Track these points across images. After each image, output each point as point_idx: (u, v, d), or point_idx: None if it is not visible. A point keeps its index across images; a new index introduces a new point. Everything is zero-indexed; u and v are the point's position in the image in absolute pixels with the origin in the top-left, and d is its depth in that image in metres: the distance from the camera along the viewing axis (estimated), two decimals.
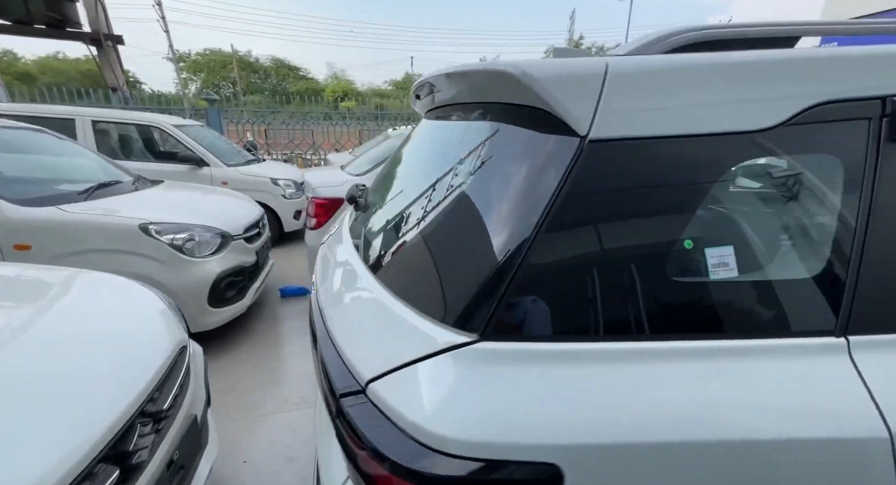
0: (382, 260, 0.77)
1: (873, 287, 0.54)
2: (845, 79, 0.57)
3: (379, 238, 0.86)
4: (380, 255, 0.80)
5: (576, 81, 0.55)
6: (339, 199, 2.77)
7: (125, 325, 1.15)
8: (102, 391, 0.88)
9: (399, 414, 0.49)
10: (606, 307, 0.52)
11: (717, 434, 0.46)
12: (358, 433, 0.52)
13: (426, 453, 0.46)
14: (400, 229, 0.79)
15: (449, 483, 0.45)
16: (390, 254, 0.76)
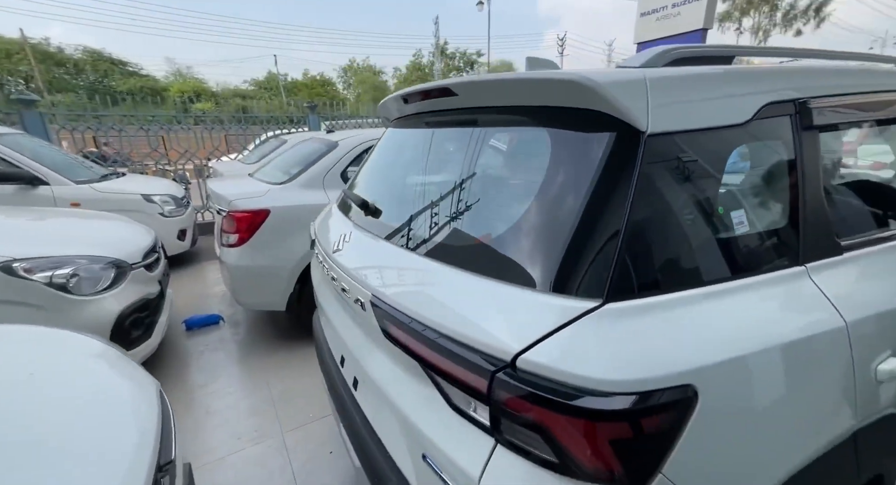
0: (470, 253, 0.81)
1: (816, 225, 0.81)
2: (777, 87, 0.83)
3: (451, 236, 0.88)
4: (466, 248, 0.83)
5: (631, 88, 0.69)
6: (265, 210, 2.53)
7: (93, 379, 0.93)
8: (118, 457, 0.74)
9: (565, 372, 0.57)
10: (685, 261, 0.68)
11: (775, 339, 0.66)
12: (529, 398, 0.57)
13: (596, 397, 0.55)
14: (482, 226, 0.84)
15: (619, 416, 0.55)
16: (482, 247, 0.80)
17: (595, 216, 0.66)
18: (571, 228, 0.67)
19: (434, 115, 1.14)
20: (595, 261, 0.64)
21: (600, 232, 0.65)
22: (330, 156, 2.84)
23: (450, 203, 0.92)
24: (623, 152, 0.68)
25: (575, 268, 0.65)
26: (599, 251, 0.64)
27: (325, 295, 1.38)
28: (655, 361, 0.58)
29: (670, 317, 0.63)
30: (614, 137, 0.70)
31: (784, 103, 0.84)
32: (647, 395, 0.56)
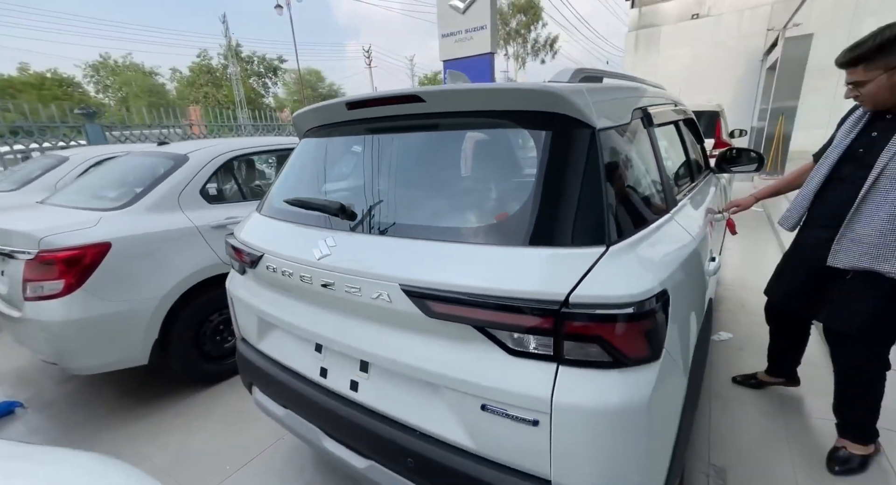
0: (489, 231, 0.95)
1: (668, 186, 1.29)
2: (638, 98, 1.28)
3: (464, 219, 0.99)
4: (483, 228, 0.96)
5: (583, 100, 0.98)
6: (103, 243, 1.99)
7: None
8: None
9: (611, 297, 0.81)
10: (644, 202, 1.02)
11: (690, 249, 1.06)
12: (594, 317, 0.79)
13: (629, 305, 0.81)
14: (493, 207, 0.98)
15: (645, 316, 0.82)
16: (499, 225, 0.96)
17: (588, 190, 0.92)
18: (575, 199, 0.91)
19: (392, 121, 1.22)
20: (597, 219, 0.90)
21: (595, 200, 0.91)
22: (181, 172, 2.40)
23: (455, 193, 1.05)
24: (590, 141, 0.96)
25: (585, 226, 0.89)
26: (598, 212, 0.90)
27: (289, 310, 1.27)
28: (650, 278, 0.88)
29: (643, 247, 0.95)
30: (581, 132, 0.97)
31: (640, 108, 1.29)
32: (653, 297, 0.85)
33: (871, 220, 1.36)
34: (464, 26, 9.36)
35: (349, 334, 1.11)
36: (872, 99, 1.39)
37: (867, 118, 1.48)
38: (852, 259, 1.41)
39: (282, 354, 1.36)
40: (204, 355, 2.44)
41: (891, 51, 1.30)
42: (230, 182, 2.68)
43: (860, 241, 1.39)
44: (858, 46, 1.36)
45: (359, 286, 1.02)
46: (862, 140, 1.48)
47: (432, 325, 0.94)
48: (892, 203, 1.31)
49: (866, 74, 1.36)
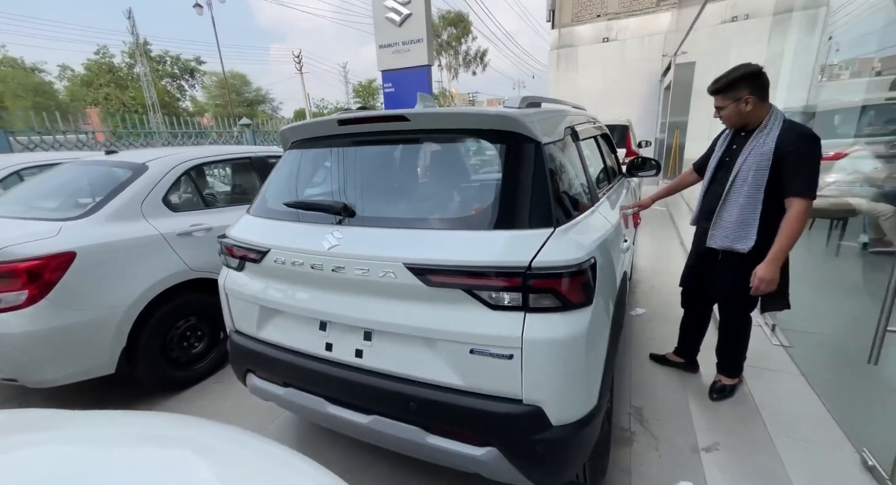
0: (470, 219, 1.26)
1: (590, 185, 1.70)
2: (568, 118, 1.68)
3: (449, 211, 1.28)
4: (464, 218, 1.26)
5: (532, 122, 1.34)
6: (67, 253, 1.98)
7: None
8: None
9: (560, 261, 1.15)
10: (576, 198, 1.39)
11: (609, 232, 1.46)
12: (549, 276, 1.13)
13: (573, 266, 1.17)
14: (471, 201, 1.29)
15: (583, 273, 1.18)
16: (479, 215, 1.27)
17: (538, 185, 1.27)
18: (532, 193, 1.26)
19: (379, 135, 1.49)
20: (546, 208, 1.25)
21: (543, 193, 1.26)
22: (141, 181, 2.41)
23: (435, 192, 1.34)
24: (538, 153, 1.32)
25: (538, 213, 1.24)
26: (546, 203, 1.26)
27: (294, 295, 1.47)
28: (584, 249, 1.24)
29: (578, 229, 1.32)
30: (530, 146, 1.33)
31: (570, 127, 1.70)
32: (587, 261, 1.21)
33: (731, 210, 1.83)
34: (400, 38, 9.64)
35: (355, 309, 1.35)
36: (728, 120, 1.88)
37: (730, 135, 1.96)
38: (720, 241, 1.89)
39: (285, 337, 1.55)
40: (172, 362, 2.45)
41: (737, 87, 1.77)
42: (192, 190, 2.71)
43: (724, 226, 1.87)
44: (717, 81, 1.82)
45: (367, 268, 1.27)
46: (728, 152, 1.94)
47: (430, 292, 1.22)
48: (742, 195, 1.78)
49: (723, 102, 1.83)
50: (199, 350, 2.59)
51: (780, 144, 1.69)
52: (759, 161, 1.74)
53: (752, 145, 1.78)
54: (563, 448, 1.21)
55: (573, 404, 1.22)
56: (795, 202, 1.69)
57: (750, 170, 1.76)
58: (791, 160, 1.68)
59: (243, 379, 1.75)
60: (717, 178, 1.98)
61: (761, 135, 1.76)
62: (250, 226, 1.65)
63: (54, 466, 0.71)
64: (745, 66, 1.77)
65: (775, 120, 1.75)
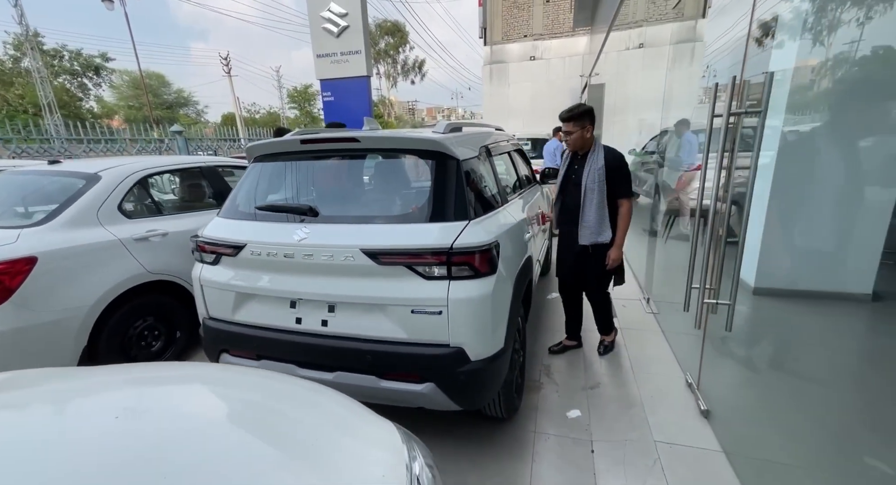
0: (408, 215, 1.70)
1: (501, 191, 2.24)
2: (482, 140, 2.21)
3: (392, 209, 1.72)
4: (403, 214, 1.71)
5: (452, 144, 1.83)
6: (29, 258, 2.12)
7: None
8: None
9: (472, 243, 1.64)
10: (488, 199, 1.90)
11: (512, 224, 1.99)
12: (465, 254, 1.61)
13: (482, 247, 1.67)
14: (408, 202, 1.74)
15: (489, 251, 1.69)
16: (402, 213, 1.72)
17: (457, 190, 1.76)
18: (452, 196, 1.74)
19: (334, 151, 1.90)
20: (463, 207, 1.74)
21: (461, 196, 1.76)
22: (96, 189, 2.55)
23: (381, 196, 1.77)
24: (457, 167, 1.81)
25: (457, 211, 1.73)
26: (463, 203, 1.75)
27: (268, 281, 1.81)
28: (490, 236, 1.75)
29: (486, 222, 1.82)
30: (451, 162, 1.82)
31: (483, 146, 2.22)
32: (492, 244, 1.72)
33: (590, 214, 2.38)
34: (339, 49, 9.88)
35: (321, 287, 1.74)
36: (574, 144, 2.43)
37: (569, 157, 2.55)
38: (588, 238, 2.42)
39: (259, 317, 1.88)
40: (131, 360, 2.59)
41: (582, 118, 2.34)
42: (146, 198, 2.85)
43: (588, 226, 2.40)
44: (571, 111, 2.35)
45: (332, 253, 1.67)
46: (571, 170, 2.52)
47: (381, 270, 1.66)
48: (594, 202, 2.35)
49: (572, 128, 2.36)
50: (157, 348, 2.75)
51: (607, 163, 2.35)
52: (599, 175, 2.34)
53: (590, 164, 2.38)
54: (479, 377, 1.70)
55: (485, 345, 1.71)
56: (624, 202, 2.40)
57: (594, 182, 2.35)
58: (616, 174, 2.36)
59: (216, 359, 2.03)
60: (567, 189, 2.53)
61: (594, 156, 2.38)
62: (224, 226, 1.95)
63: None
64: (585, 105, 2.40)
65: (599, 146, 2.41)
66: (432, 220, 1.71)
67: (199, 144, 9.45)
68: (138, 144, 7.82)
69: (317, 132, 2.07)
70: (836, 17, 1.68)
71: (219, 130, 11.13)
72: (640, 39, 11.25)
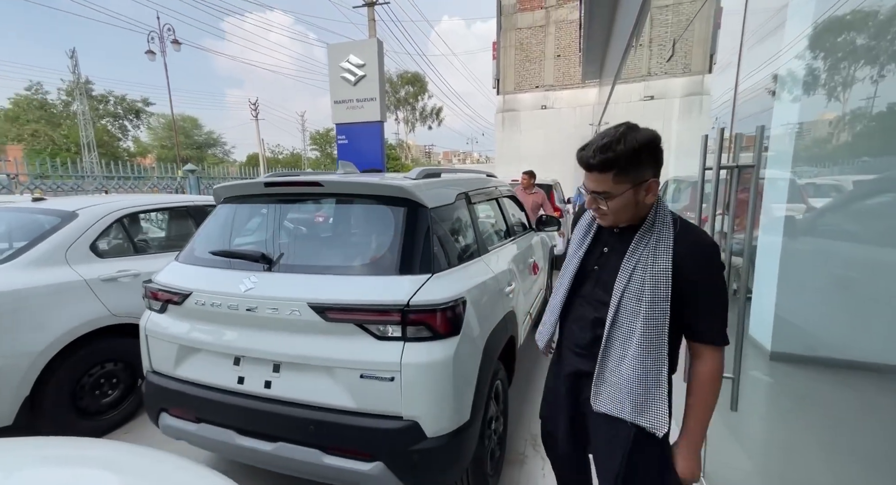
0: (361, 266, 1.55)
1: (481, 241, 2.09)
2: (460, 186, 2.09)
3: (346, 259, 1.57)
4: (356, 266, 1.56)
5: (420, 190, 1.71)
6: None
7: None
8: None
9: (432, 300, 1.47)
10: (460, 250, 1.74)
11: (488, 277, 1.81)
12: (423, 312, 1.42)
13: (443, 304, 1.49)
14: (365, 251, 1.59)
15: (451, 309, 1.50)
16: (356, 263, 1.57)
17: (422, 241, 1.62)
18: (416, 246, 1.59)
19: (299, 195, 1.80)
20: (428, 258, 1.59)
21: (426, 248, 1.61)
22: (70, 228, 2.50)
23: (340, 245, 1.64)
24: (424, 215, 1.68)
25: (419, 263, 1.57)
26: (426, 256, 1.59)
27: (211, 334, 1.65)
28: (455, 291, 1.58)
29: (456, 275, 1.66)
30: (419, 209, 1.69)
31: (462, 193, 2.11)
32: (456, 301, 1.54)
33: (623, 360, 1.09)
34: (355, 96, 10.39)
35: (266, 344, 1.56)
36: (615, 216, 1.10)
37: (595, 228, 1.22)
38: (614, 406, 1.11)
39: (200, 373, 1.69)
40: (80, 411, 2.40)
41: (641, 162, 1.02)
42: (122, 237, 2.80)
43: (618, 385, 1.09)
44: (610, 148, 1.01)
45: (277, 307, 1.51)
46: (595, 255, 1.21)
47: (329, 327, 1.48)
48: (635, 339, 1.06)
49: (616, 186, 1.04)
50: (113, 399, 2.55)
51: (680, 262, 1.05)
52: (654, 285, 1.05)
53: (636, 256, 1.09)
54: (438, 457, 1.45)
55: (445, 418, 1.48)
56: (708, 354, 1.08)
57: (641, 299, 1.06)
58: (700, 291, 1.06)
59: (156, 419, 1.83)
60: (584, 291, 1.23)
61: (649, 239, 1.08)
62: (176, 271, 1.83)
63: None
64: (645, 131, 1.05)
65: (664, 216, 1.09)
66: (391, 272, 1.55)
67: (212, 182, 9.75)
68: (151, 181, 8.15)
69: (289, 175, 2.00)
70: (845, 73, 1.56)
71: (242, 169, 11.60)
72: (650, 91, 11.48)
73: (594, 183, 1.08)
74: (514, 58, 18.05)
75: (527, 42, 17.97)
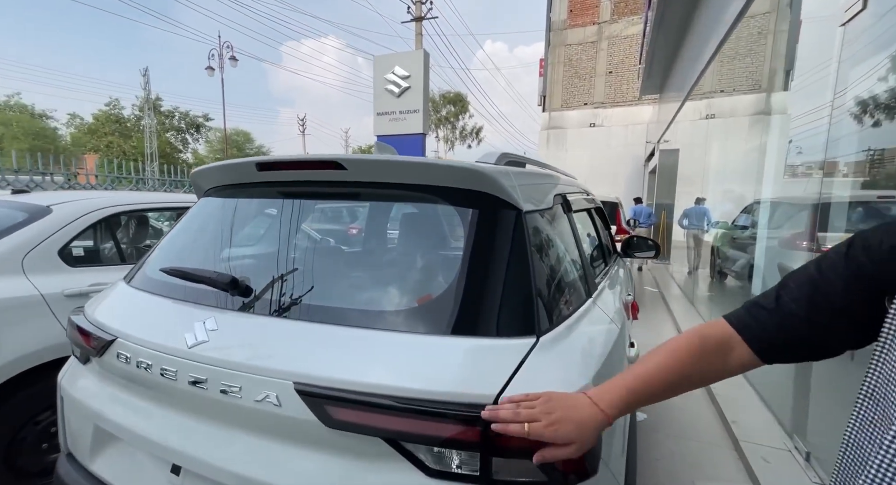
0: (407, 315, 0.81)
1: (589, 268, 1.30)
2: (559, 187, 1.33)
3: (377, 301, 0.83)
4: (401, 312, 0.81)
5: (510, 182, 0.97)
6: None
7: None
8: None
9: None
10: (569, 288, 0.96)
11: (615, 335, 1.02)
12: None
13: None
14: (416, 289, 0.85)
15: None
16: (394, 308, 0.82)
17: (516, 272, 0.86)
18: (508, 280, 0.84)
19: (309, 187, 1.09)
20: (529, 304, 0.83)
21: (524, 284, 0.85)
22: (35, 227, 1.95)
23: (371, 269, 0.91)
24: (519, 225, 0.93)
25: (515, 312, 0.81)
26: (528, 298, 0.83)
27: (138, 416, 0.94)
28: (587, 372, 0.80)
29: (575, 336, 0.88)
30: (508, 213, 0.94)
31: (560, 195, 1.34)
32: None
33: None
34: (398, 108, 10.13)
35: (221, 453, 0.84)
36: None
37: None
38: None
39: (121, 479, 0.99)
40: (17, 472, 1.78)
41: None
42: (107, 242, 2.25)
43: None
44: None
45: (239, 385, 0.79)
46: None
47: (333, 437, 0.73)
48: None
49: None
50: None
51: None
52: None
53: None
54: None
55: None
56: None
57: None
58: None
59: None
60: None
61: None
62: (114, 299, 1.17)
63: None
64: None
65: None
66: (458, 329, 0.80)
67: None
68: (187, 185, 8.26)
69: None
70: None
71: None
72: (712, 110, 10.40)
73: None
74: (562, 74, 17.42)
75: (576, 58, 17.33)
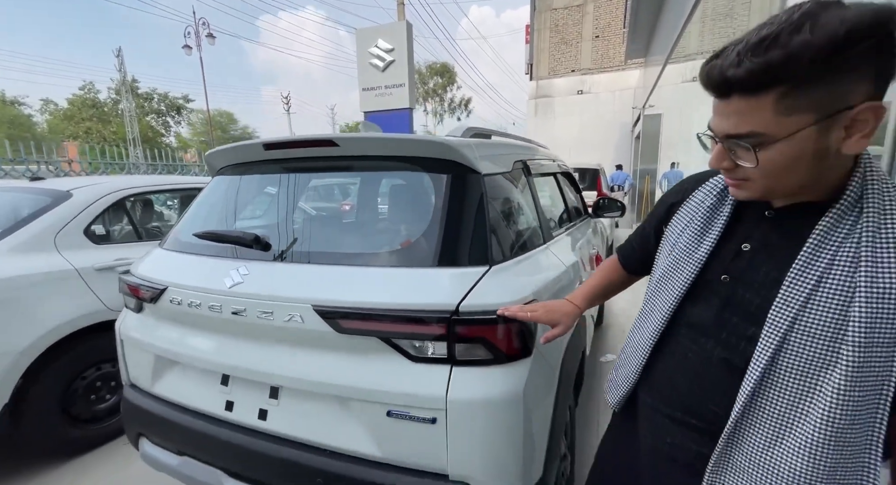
0: (391, 255, 1.09)
1: (545, 222, 1.58)
2: (519, 152, 1.59)
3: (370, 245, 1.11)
4: (385, 253, 1.10)
5: (471, 151, 1.22)
6: None
7: None
8: None
9: (492, 304, 0.98)
10: (522, 234, 1.24)
11: (560, 271, 1.31)
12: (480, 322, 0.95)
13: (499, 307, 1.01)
14: (398, 236, 1.12)
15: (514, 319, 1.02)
16: (382, 250, 1.10)
17: (476, 218, 1.13)
18: (467, 227, 1.11)
19: (307, 162, 1.35)
20: (483, 243, 1.10)
21: (480, 226, 1.12)
22: (61, 209, 2.18)
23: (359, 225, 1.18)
24: (477, 184, 1.19)
25: (472, 250, 1.09)
26: (481, 240, 1.11)
27: (193, 343, 1.24)
28: (525, 290, 1.09)
29: (522, 267, 1.17)
30: (470, 176, 1.20)
31: (520, 160, 1.60)
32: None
33: (784, 438, 0.61)
34: (383, 82, 10.04)
35: (259, 361, 1.14)
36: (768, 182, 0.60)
37: (729, 211, 0.71)
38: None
39: (181, 394, 1.30)
40: (72, 419, 2.10)
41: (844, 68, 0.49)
42: (123, 221, 2.48)
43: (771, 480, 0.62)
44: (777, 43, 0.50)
45: (271, 310, 1.07)
46: (725, 256, 0.70)
47: (343, 341, 1.03)
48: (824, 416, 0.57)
49: (780, 121, 0.54)
50: (110, 404, 2.24)
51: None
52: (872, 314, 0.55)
53: (824, 257, 0.58)
54: None
55: (510, 479, 1.00)
56: None
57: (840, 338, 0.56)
58: None
59: (136, 444, 1.46)
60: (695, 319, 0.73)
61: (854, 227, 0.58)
62: (156, 260, 1.44)
63: None
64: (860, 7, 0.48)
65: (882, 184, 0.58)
66: (432, 263, 1.08)
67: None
68: (192, 172, 8.23)
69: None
70: None
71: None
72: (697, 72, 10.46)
73: (733, 118, 0.57)
74: (548, 41, 17.12)
75: (562, 23, 16.99)
